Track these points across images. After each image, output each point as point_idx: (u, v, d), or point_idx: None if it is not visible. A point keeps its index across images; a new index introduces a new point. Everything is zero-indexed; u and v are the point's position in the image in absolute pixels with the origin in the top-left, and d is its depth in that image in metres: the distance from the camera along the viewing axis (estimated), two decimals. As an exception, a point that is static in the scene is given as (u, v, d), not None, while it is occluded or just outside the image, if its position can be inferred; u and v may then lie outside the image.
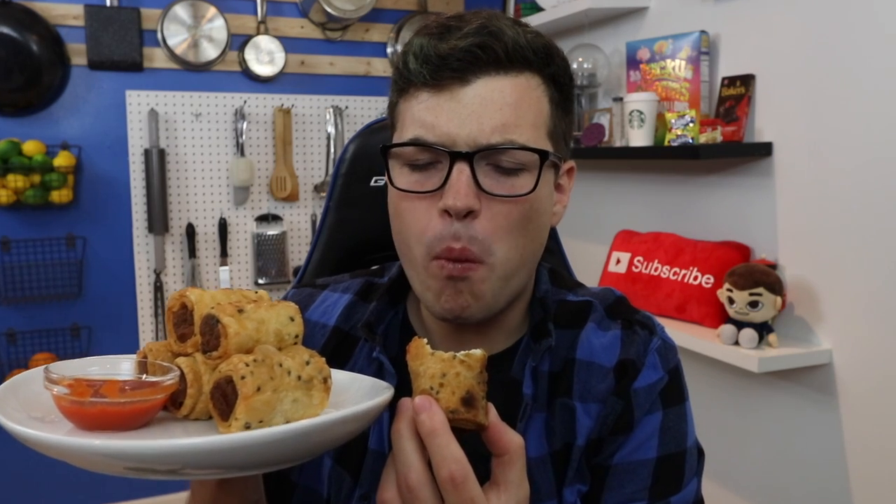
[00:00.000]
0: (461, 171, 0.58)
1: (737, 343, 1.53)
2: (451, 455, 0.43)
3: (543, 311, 0.68)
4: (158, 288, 2.33)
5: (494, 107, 0.59)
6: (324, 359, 0.53)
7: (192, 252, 2.36)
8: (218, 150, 2.41)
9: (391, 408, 0.63)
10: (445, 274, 0.60)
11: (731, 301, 1.54)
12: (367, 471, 0.65)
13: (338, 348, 0.71)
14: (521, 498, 0.46)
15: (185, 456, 0.44)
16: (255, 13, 2.42)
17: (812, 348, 1.51)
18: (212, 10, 2.34)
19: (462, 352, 0.48)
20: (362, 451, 0.66)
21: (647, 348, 0.66)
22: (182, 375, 0.53)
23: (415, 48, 0.61)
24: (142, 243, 2.33)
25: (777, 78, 1.60)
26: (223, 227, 2.40)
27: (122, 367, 0.57)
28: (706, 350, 1.59)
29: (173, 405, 0.53)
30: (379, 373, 0.67)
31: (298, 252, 2.53)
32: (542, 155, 0.61)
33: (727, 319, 1.56)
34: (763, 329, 1.52)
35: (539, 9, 2.27)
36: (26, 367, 2.18)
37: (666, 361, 0.66)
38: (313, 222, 2.54)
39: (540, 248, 0.65)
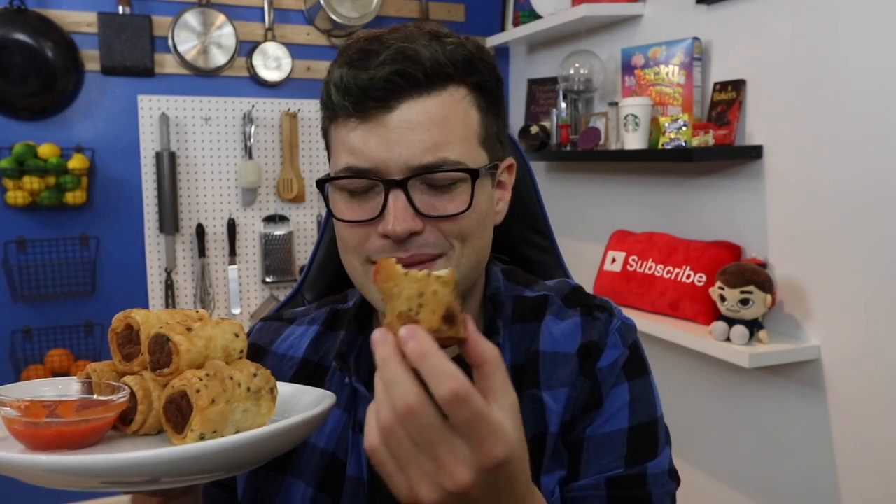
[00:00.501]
0: (397, 197, 0.59)
1: (728, 339, 1.55)
2: (449, 372, 0.40)
3: (494, 308, 0.68)
4: (169, 286, 2.38)
5: (422, 128, 0.59)
6: (269, 370, 0.56)
7: (202, 251, 2.41)
8: (227, 152, 2.45)
9: (360, 428, 0.66)
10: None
11: (722, 299, 1.57)
12: (347, 496, 0.65)
13: (309, 379, 0.71)
14: (513, 403, 0.43)
15: (165, 465, 0.46)
16: (263, 20, 2.46)
17: (801, 344, 1.53)
18: (221, 18, 2.38)
19: (434, 271, 0.46)
20: (341, 477, 0.66)
21: (608, 329, 0.67)
22: (132, 393, 0.54)
23: (335, 79, 0.61)
24: (153, 243, 2.37)
25: (767, 83, 1.63)
26: (232, 227, 2.45)
27: (72, 388, 0.57)
28: (698, 346, 1.62)
29: (122, 422, 0.55)
30: (353, 399, 0.68)
31: (305, 251, 2.57)
32: (473, 174, 0.61)
33: (719, 317, 1.59)
34: (753, 326, 1.54)
35: (537, 16, 2.31)
36: (42, 363, 2.23)
37: (625, 339, 0.67)
38: (319, 222, 2.57)
39: (487, 246, 0.66)
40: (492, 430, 0.41)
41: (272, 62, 2.45)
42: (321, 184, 0.65)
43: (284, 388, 0.61)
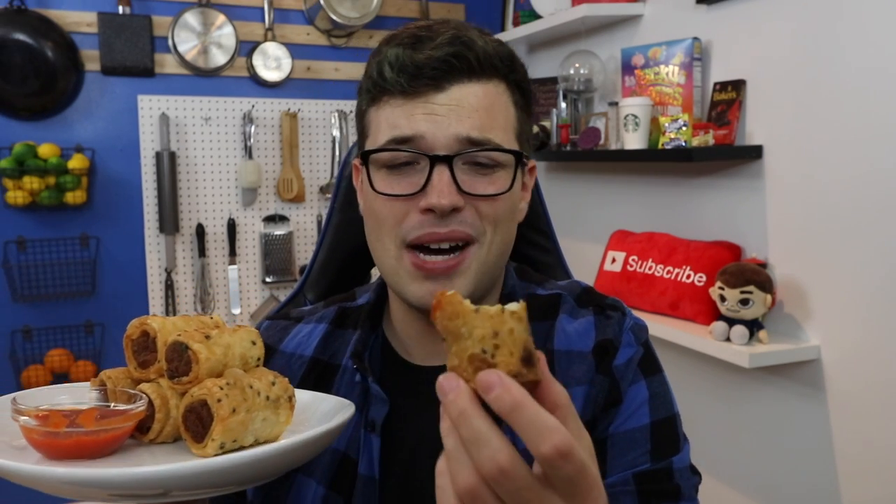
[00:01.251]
0: (441, 172, 0.60)
1: (728, 339, 1.55)
2: (551, 426, 0.35)
3: None
4: (169, 286, 2.38)
5: (470, 109, 0.61)
6: (287, 378, 0.56)
7: (202, 251, 2.41)
8: (227, 152, 2.46)
9: (377, 429, 0.66)
10: (423, 274, 0.61)
11: (722, 299, 1.57)
12: (359, 495, 0.66)
13: (319, 378, 0.71)
14: (589, 446, 0.40)
15: (176, 479, 0.45)
16: (263, 20, 2.46)
17: (801, 344, 1.53)
18: (221, 18, 2.39)
19: (505, 305, 0.39)
20: (352, 476, 0.66)
21: (621, 328, 0.68)
22: (149, 401, 0.53)
23: (390, 58, 0.62)
24: (153, 243, 2.38)
25: (767, 83, 1.63)
26: (232, 227, 2.45)
27: (88, 395, 0.56)
28: (698, 346, 1.62)
29: (139, 431, 0.54)
30: (364, 398, 0.67)
31: (305, 251, 2.58)
32: (517, 155, 0.64)
33: (719, 317, 1.59)
34: (753, 326, 1.54)
35: (537, 16, 2.31)
36: (42, 363, 2.22)
37: (638, 337, 0.68)
38: (319, 222, 2.58)
39: (511, 241, 0.68)
40: (593, 483, 0.37)
41: (272, 62, 2.46)
42: (365, 156, 0.65)
43: (302, 396, 0.61)
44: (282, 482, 0.69)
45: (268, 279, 2.49)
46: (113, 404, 0.55)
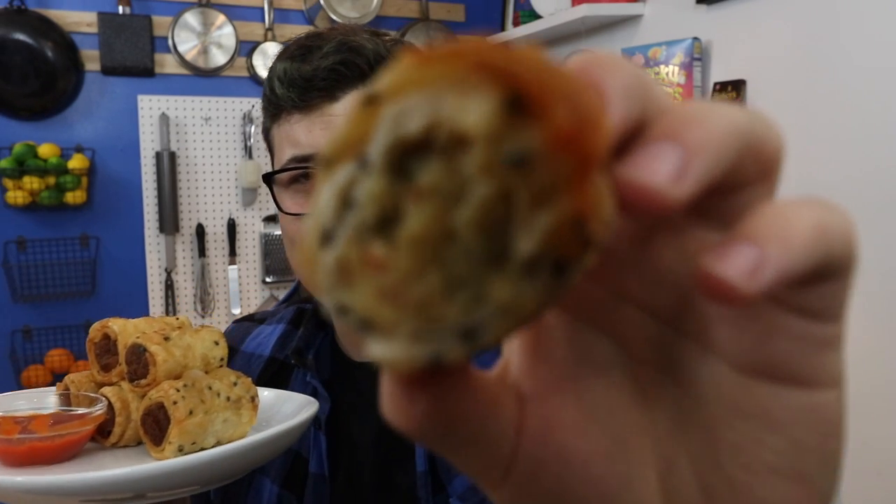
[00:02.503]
0: None
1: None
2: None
3: None
4: (169, 286, 2.39)
5: None
6: (250, 378, 0.56)
7: (202, 251, 2.41)
8: (227, 152, 2.46)
9: (322, 426, 0.66)
10: None
11: (722, 298, 1.58)
12: (310, 493, 0.66)
13: (274, 377, 0.71)
14: None
15: (149, 480, 0.45)
16: (263, 20, 2.47)
17: (800, 344, 1.56)
18: (221, 18, 2.39)
19: None
20: (304, 474, 0.67)
21: None
22: (109, 404, 0.53)
23: (279, 73, 0.61)
24: (153, 243, 2.38)
25: (767, 83, 1.64)
26: (232, 227, 2.45)
27: (48, 400, 0.55)
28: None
29: (100, 434, 0.53)
30: (316, 397, 0.67)
31: (304, 252, 2.58)
32: None
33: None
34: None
35: (537, 16, 2.32)
36: (42, 363, 2.23)
37: None
38: (319, 223, 2.58)
39: None
40: None
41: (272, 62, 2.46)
42: (267, 179, 0.64)
43: (266, 395, 0.60)
44: (241, 482, 0.70)
45: (268, 279, 2.49)
46: (74, 408, 0.54)
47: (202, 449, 0.51)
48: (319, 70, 0.59)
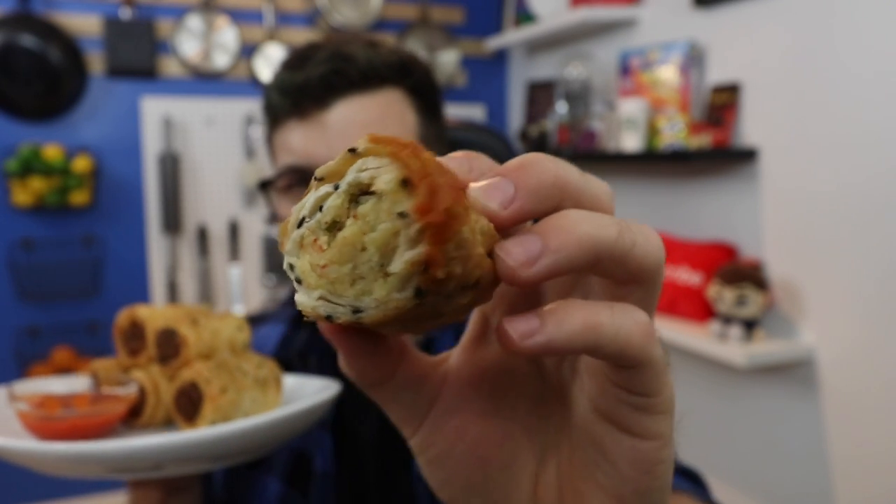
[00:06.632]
0: None
1: (724, 339, 1.57)
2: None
3: None
4: (172, 286, 2.41)
5: (359, 125, 0.61)
6: (274, 361, 0.57)
7: (204, 252, 2.43)
8: (229, 154, 2.47)
9: (328, 426, 0.67)
10: None
11: (718, 299, 1.59)
12: (316, 491, 0.67)
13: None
14: None
15: (169, 451, 0.46)
16: (265, 23, 2.49)
17: (796, 345, 1.54)
18: (223, 21, 2.41)
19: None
20: (309, 473, 0.68)
21: None
22: (140, 386, 0.55)
23: (276, 82, 0.64)
24: (156, 244, 2.40)
25: (763, 86, 1.64)
26: (234, 227, 2.47)
27: (80, 384, 0.58)
28: (695, 346, 1.63)
29: (131, 416, 0.55)
30: None
31: (306, 252, 2.59)
32: None
33: (715, 316, 1.61)
34: (749, 326, 1.55)
35: (535, 19, 2.33)
36: (46, 361, 2.26)
37: None
38: (320, 224, 2.59)
39: None
40: None
41: (274, 64, 2.47)
42: (263, 186, 0.66)
43: (287, 380, 0.62)
44: (245, 480, 0.70)
45: (269, 279, 2.51)
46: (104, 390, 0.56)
47: None
48: (311, 78, 0.61)
